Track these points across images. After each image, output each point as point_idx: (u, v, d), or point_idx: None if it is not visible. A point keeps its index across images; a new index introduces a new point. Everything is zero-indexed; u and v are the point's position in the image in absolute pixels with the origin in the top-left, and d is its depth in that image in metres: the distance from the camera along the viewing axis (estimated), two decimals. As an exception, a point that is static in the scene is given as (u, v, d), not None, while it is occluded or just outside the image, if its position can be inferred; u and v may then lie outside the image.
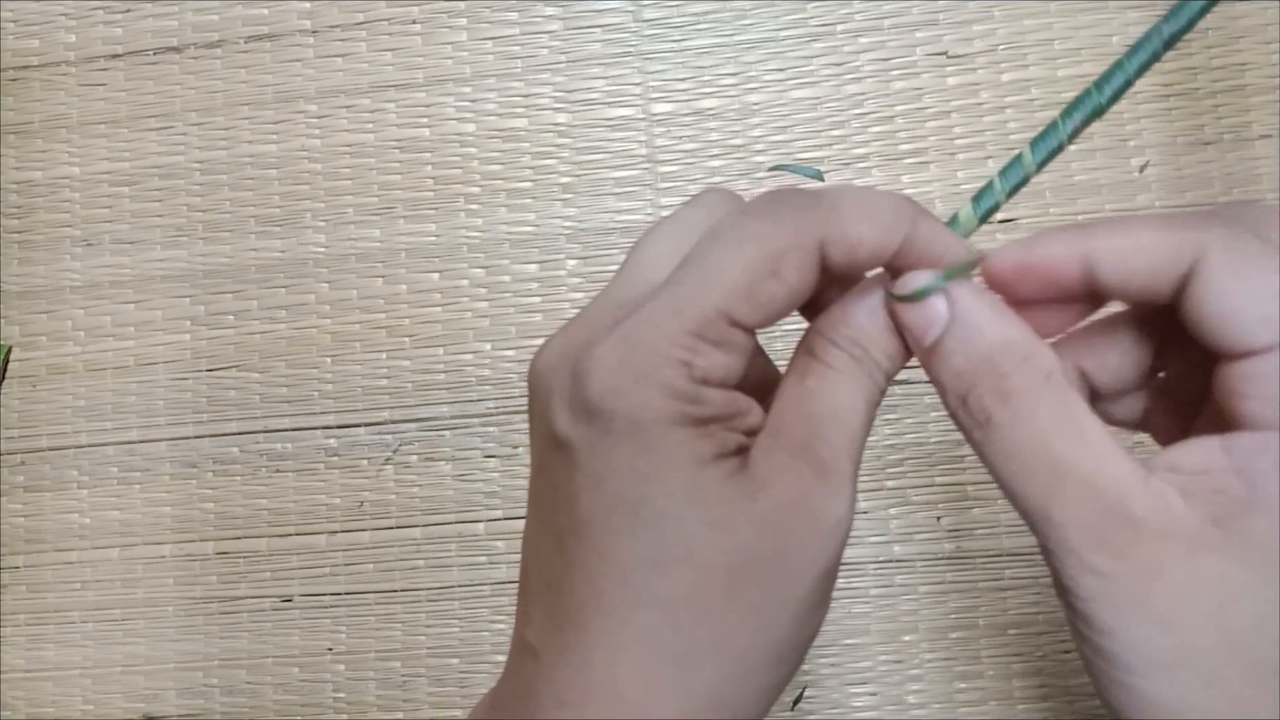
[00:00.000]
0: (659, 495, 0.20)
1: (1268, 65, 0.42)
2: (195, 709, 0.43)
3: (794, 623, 0.21)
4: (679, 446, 0.20)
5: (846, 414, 0.21)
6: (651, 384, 0.20)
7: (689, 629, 0.20)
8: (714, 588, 0.20)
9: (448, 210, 0.44)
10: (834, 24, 0.44)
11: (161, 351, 0.45)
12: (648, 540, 0.20)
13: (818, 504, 0.21)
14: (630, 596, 0.21)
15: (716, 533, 0.20)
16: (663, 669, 0.20)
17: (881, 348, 0.22)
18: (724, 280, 0.21)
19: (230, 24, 0.46)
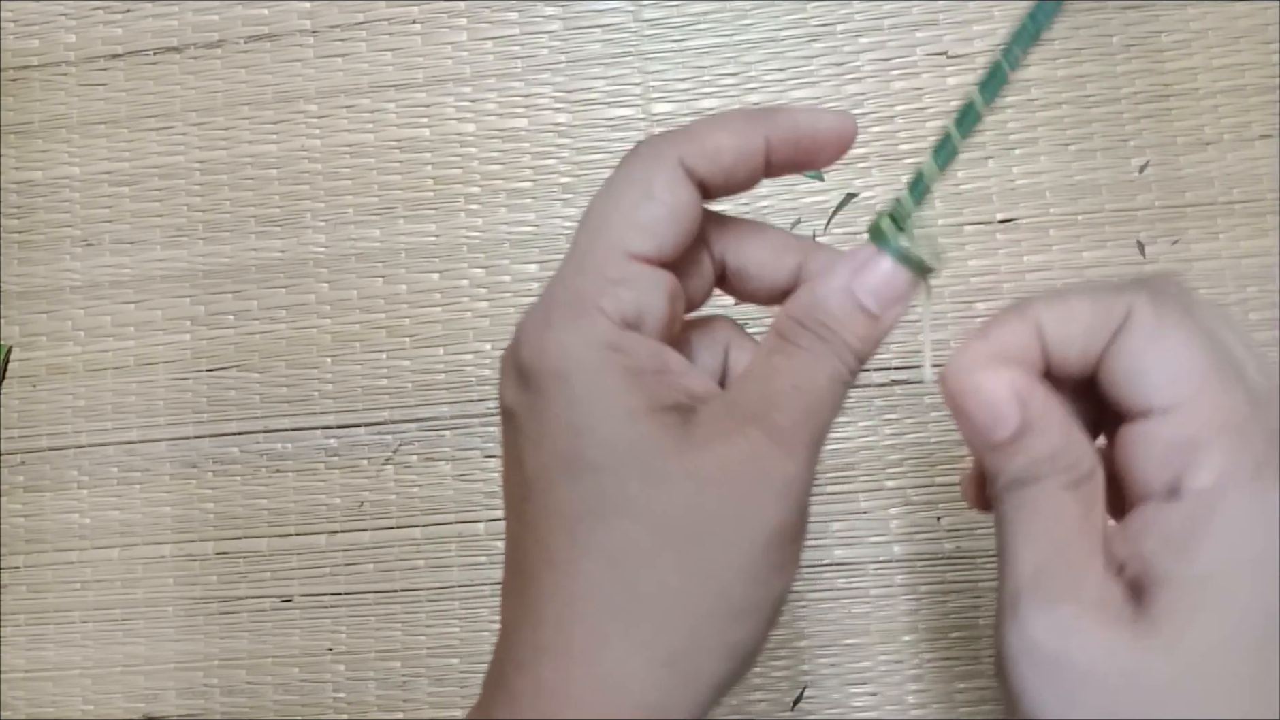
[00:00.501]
0: (591, 446, 0.21)
1: (1268, 65, 0.42)
2: (195, 709, 0.43)
3: (748, 581, 0.21)
4: (607, 396, 0.21)
5: (809, 388, 0.22)
6: (570, 335, 0.21)
7: (632, 580, 0.21)
8: (655, 540, 0.21)
9: (448, 210, 0.44)
10: (834, 24, 0.44)
11: (161, 351, 0.45)
12: (586, 491, 0.21)
13: (769, 464, 0.21)
14: (576, 548, 0.21)
15: (652, 485, 0.21)
16: (610, 621, 0.21)
17: (851, 329, 0.22)
18: (609, 219, 0.22)
19: (230, 24, 0.46)
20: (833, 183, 0.43)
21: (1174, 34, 0.43)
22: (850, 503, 0.41)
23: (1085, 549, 0.21)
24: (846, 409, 0.42)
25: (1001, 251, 0.42)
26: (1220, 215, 0.42)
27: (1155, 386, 0.20)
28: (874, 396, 0.42)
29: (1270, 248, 0.42)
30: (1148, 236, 0.42)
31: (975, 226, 0.42)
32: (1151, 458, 0.20)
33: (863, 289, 0.22)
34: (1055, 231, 0.42)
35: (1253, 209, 0.42)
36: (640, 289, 0.22)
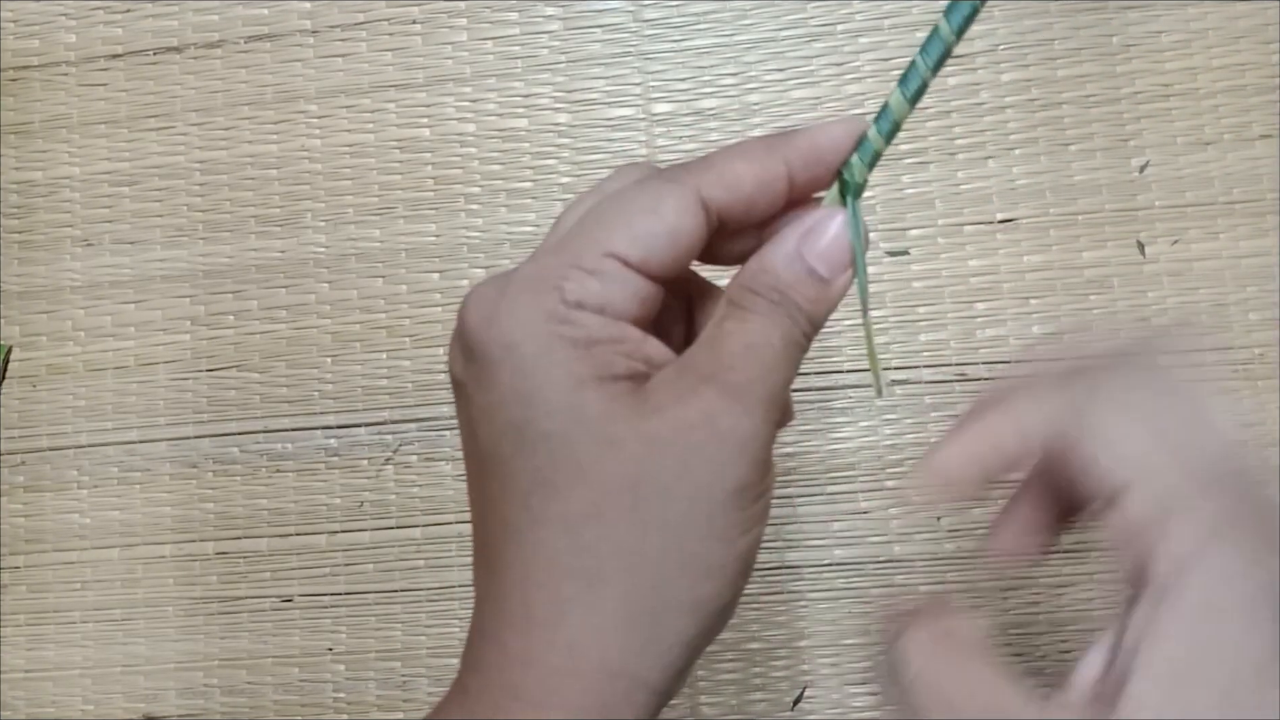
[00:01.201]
0: (540, 416, 0.21)
1: (1268, 65, 0.42)
2: (195, 709, 0.43)
3: (710, 538, 0.21)
4: (555, 367, 0.21)
5: (762, 349, 0.22)
6: (520, 306, 0.21)
7: (592, 544, 0.21)
8: (613, 503, 0.21)
9: (448, 210, 0.44)
10: (834, 24, 0.44)
11: (162, 351, 0.45)
12: (538, 461, 0.21)
13: (725, 422, 0.21)
14: (532, 518, 0.21)
15: (606, 450, 0.21)
16: (570, 585, 0.21)
17: (800, 292, 0.22)
18: (604, 217, 0.22)
19: (230, 24, 0.46)
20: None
21: (1174, 34, 0.43)
22: (850, 503, 0.41)
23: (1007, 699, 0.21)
24: (847, 409, 0.42)
25: (1001, 251, 0.42)
26: (1220, 215, 0.42)
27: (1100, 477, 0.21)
28: (875, 396, 0.42)
29: (1270, 248, 0.42)
30: (1148, 236, 0.42)
31: (975, 226, 0.42)
32: (1120, 547, 0.21)
33: (812, 253, 0.22)
34: (1055, 231, 0.42)
35: (1253, 209, 0.42)
36: (609, 284, 0.21)
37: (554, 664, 0.21)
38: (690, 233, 0.22)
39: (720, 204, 0.22)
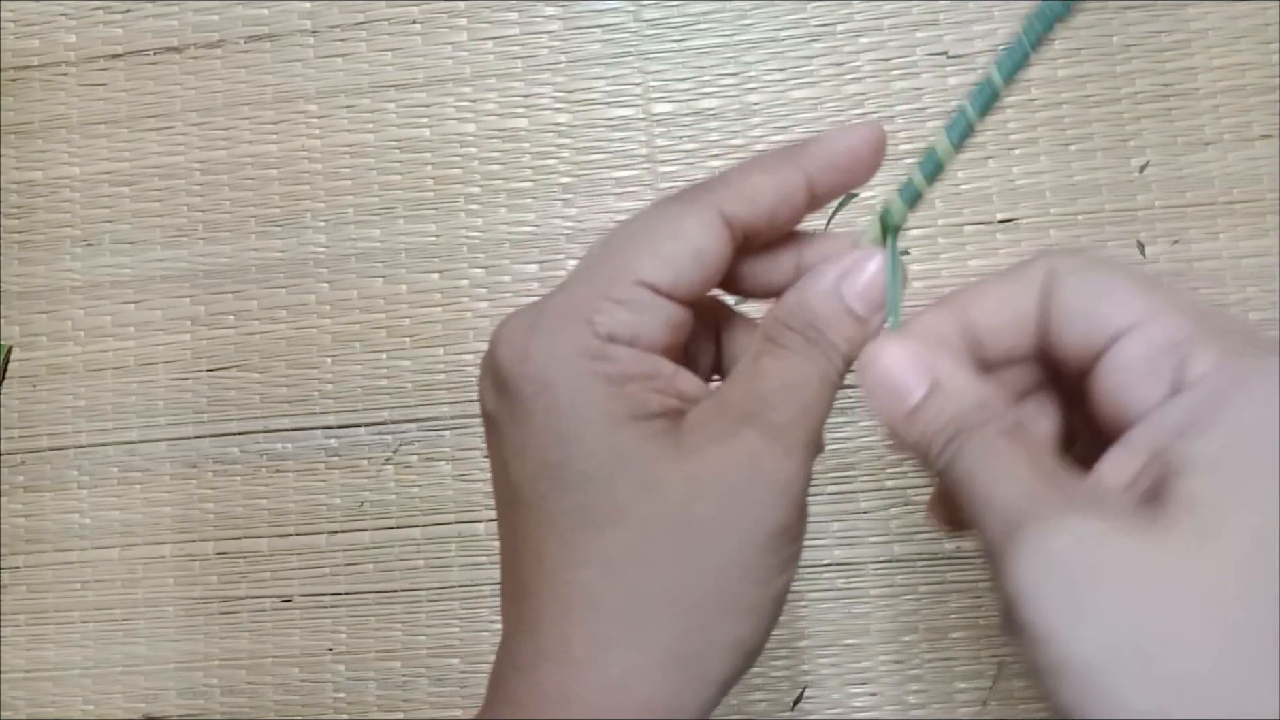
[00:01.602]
0: (579, 456, 0.21)
1: (1268, 65, 0.42)
2: (195, 709, 0.43)
3: (750, 580, 0.21)
4: (590, 406, 0.20)
5: (800, 387, 0.22)
6: (553, 343, 0.21)
7: (635, 584, 0.21)
8: (655, 544, 0.21)
9: (448, 210, 0.44)
10: (834, 24, 0.44)
11: (162, 351, 0.45)
12: (578, 501, 0.21)
13: (766, 464, 0.21)
14: (571, 557, 0.21)
15: (647, 491, 0.20)
16: (612, 625, 0.21)
17: (838, 331, 0.22)
18: (630, 242, 0.22)
19: (230, 24, 0.46)
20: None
21: (1174, 34, 0.43)
22: (850, 503, 0.41)
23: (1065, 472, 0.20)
24: (847, 409, 0.42)
25: (1001, 251, 0.42)
26: (1220, 215, 0.42)
27: (1110, 315, 0.21)
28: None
29: (1270, 248, 0.42)
30: (1148, 236, 0.42)
31: (975, 226, 0.42)
32: (1136, 375, 0.20)
33: (850, 292, 0.22)
34: (1055, 231, 0.42)
35: (1253, 209, 0.42)
36: (640, 313, 0.21)
37: (593, 702, 0.21)
38: (715, 251, 0.22)
39: (742, 219, 0.22)
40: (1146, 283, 0.21)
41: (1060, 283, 0.22)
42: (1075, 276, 0.21)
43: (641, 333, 0.21)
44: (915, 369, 0.21)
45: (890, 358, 0.22)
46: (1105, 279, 0.21)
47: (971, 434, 0.20)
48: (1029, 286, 0.22)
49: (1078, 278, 0.21)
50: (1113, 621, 0.17)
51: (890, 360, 0.22)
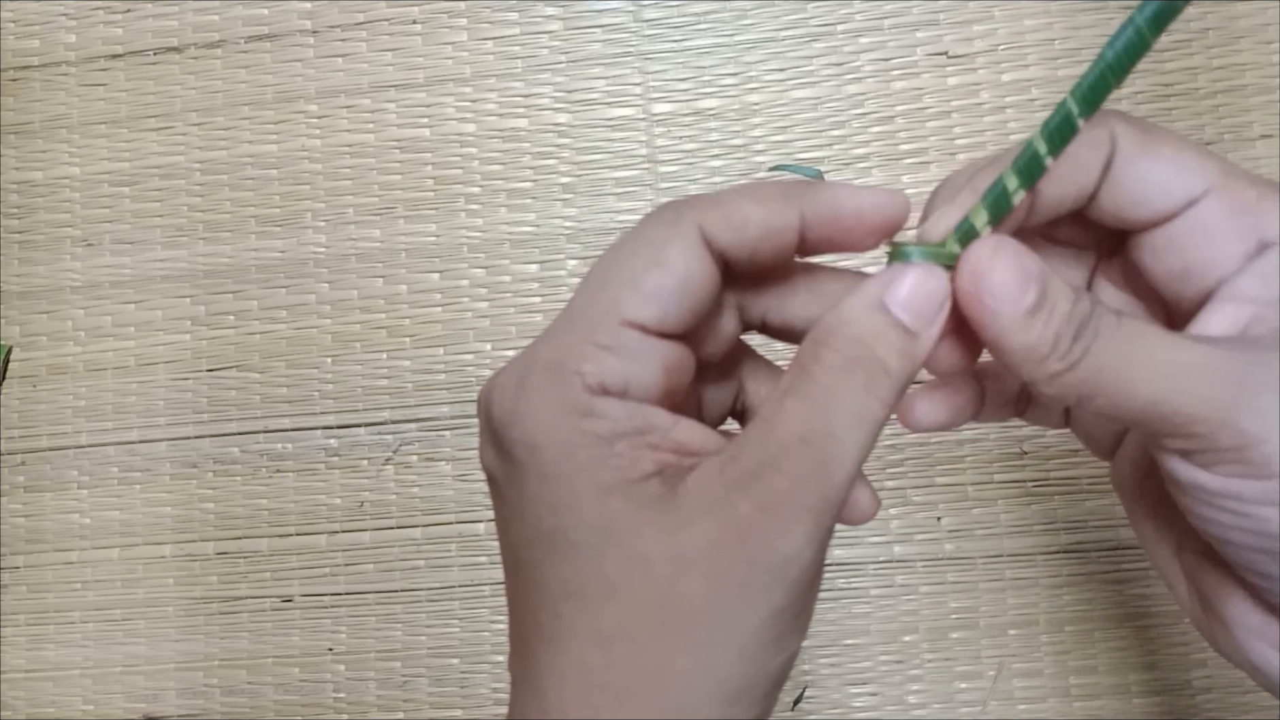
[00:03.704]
0: (570, 527, 0.20)
1: (1268, 65, 0.42)
2: (195, 709, 0.43)
3: (743, 662, 0.19)
4: (579, 474, 0.19)
5: (819, 440, 0.19)
6: (540, 403, 0.20)
7: (622, 661, 0.20)
8: (641, 623, 0.19)
9: (448, 210, 0.44)
10: (834, 24, 0.44)
11: (162, 351, 0.45)
12: (569, 573, 0.20)
13: (758, 544, 0.19)
14: (563, 628, 0.20)
15: (634, 568, 0.19)
16: (602, 699, 0.20)
17: (886, 343, 0.20)
18: (611, 279, 0.20)
19: (230, 24, 0.46)
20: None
21: (1174, 34, 0.43)
22: (850, 503, 0.41)
23: None
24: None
25: (1002, 251, 0.42)
26: (1220, 215, 0.42)
27: (1186, 181, 0.21)
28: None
29: (1270, 248, 0.42)
30: (1148, 236, 0.42)
31: (975, 226, 0.42)
32: (1218, 235, 0.21)
33: (895, 301, 0.20)
34: (1055, 231, 0.42)
35: (1253, 209, 0.42)
36: (630, 359, 0.20)
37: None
38: (700, 276, 0.20)
39: (722, 245, 0.20)
40: (1204, 151, 0.21)
41: (1129, 149, 0.21)
42: (1143, 145, 0.21)
43: (634, 378, 0.20)
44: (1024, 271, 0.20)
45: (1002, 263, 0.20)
46: (1175, 147, 0.21)
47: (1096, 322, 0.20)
48: (1096, 150, 0.21)
49: (1147, 146, 0.21)
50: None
51: (1003, 265, 0.20)
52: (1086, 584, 0.40)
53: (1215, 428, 0.19)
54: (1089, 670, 0.40)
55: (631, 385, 0.20)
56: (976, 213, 0.20)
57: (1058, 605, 0.40)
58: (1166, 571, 0.24)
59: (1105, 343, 0.20)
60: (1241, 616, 0.22)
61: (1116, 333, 0.20)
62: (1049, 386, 0.20)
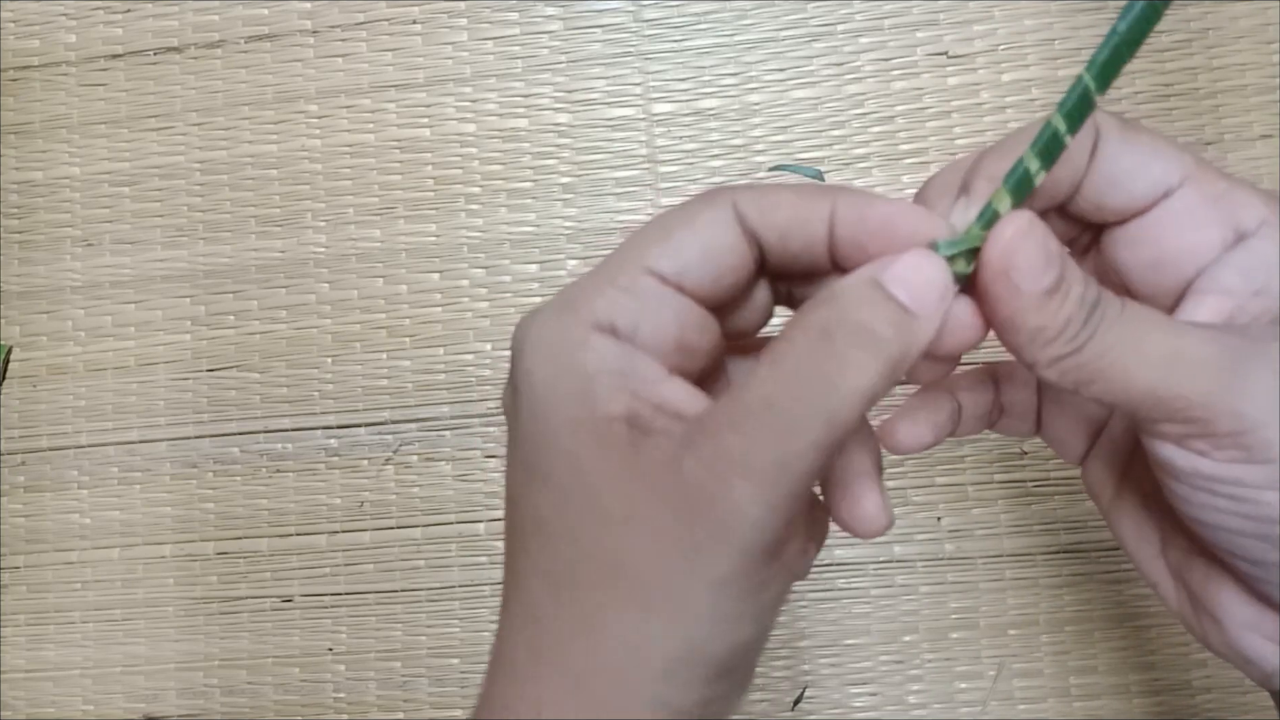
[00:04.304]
0: (544, 459, 0.20)
1: (1268, 65, 0.42)
2: (195, 709, 0.43)
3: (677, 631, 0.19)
4: (559, 405, 0.20)
5: (787, 401, 0.18)
6: (544, 332, 0.20)
7: (566, 606, 0.20)
8: (588, 571, 0.19)
9: (448, 210, 0.44)
10: (834, 24, 0.44)
11: (162, 351, 0.45)
12: (537, 505, 0.20)
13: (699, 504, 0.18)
14: (528, 564, 0.20)
15: (590, 513, 0.19)
16: (543, 642, 0.20)
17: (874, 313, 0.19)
18: (643, 234, 0.21)
19: (230, 24, 0.46)
20: (833, 183, 0.43)
21: (1174, 34, 0.43)
22: (850, 503, 0.41)
23: None
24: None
25: (1002, 251, 0.42)
26: (1220, 215, 0.42)
27: (1163, 173, 0.22)
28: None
29: (1270, 248, 0.42)
30: (1148, 236, 0.42)
31: (975, 226, 0.42)
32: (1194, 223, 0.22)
33: (889, 277, 0.19)
34: (1055, 231, 0.42)
35: (1253, 209, 0.42)
36: (642, 302, 0.20)
37: (523, 717, 0.20)
38: (725, 245, 0.20)
39: (753, 223, 0.21)
40: (1179, 143, 0.22)
41: (1110, 141, 0.22)
42: (1122, 137, 0.22)
43: (644, 322, 0.20)
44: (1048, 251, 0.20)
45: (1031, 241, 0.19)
46: (1151, 140, 0.22)
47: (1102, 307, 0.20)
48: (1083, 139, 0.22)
49: (1126, 137, 0.22)
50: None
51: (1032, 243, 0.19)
52: (1086, 584, 0.40)
53: (1214, 413, 0.19)
54: (1089, 670, 0.40)
55: (641, 329, 0.20)
56: (999, 197, 0.20)
57: (1058, 605, 0.40)
58: (1150, 572, 0.24)
59: (1109, 327, 0.20)
60: (1234, 610, 0.22)
61: (1120, 318, 0.20)
62: (1050, 370, 0.20)
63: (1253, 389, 0.19)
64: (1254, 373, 0.19)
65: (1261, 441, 0.19)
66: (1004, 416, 0.26)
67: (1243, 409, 0.19)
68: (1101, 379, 0.20)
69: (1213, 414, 0.19)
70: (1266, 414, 0.19)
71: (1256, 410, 0.19)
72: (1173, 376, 0.20)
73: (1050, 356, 0.20)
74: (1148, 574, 0.24)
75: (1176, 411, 0.20)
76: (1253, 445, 0.19)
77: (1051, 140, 0.20)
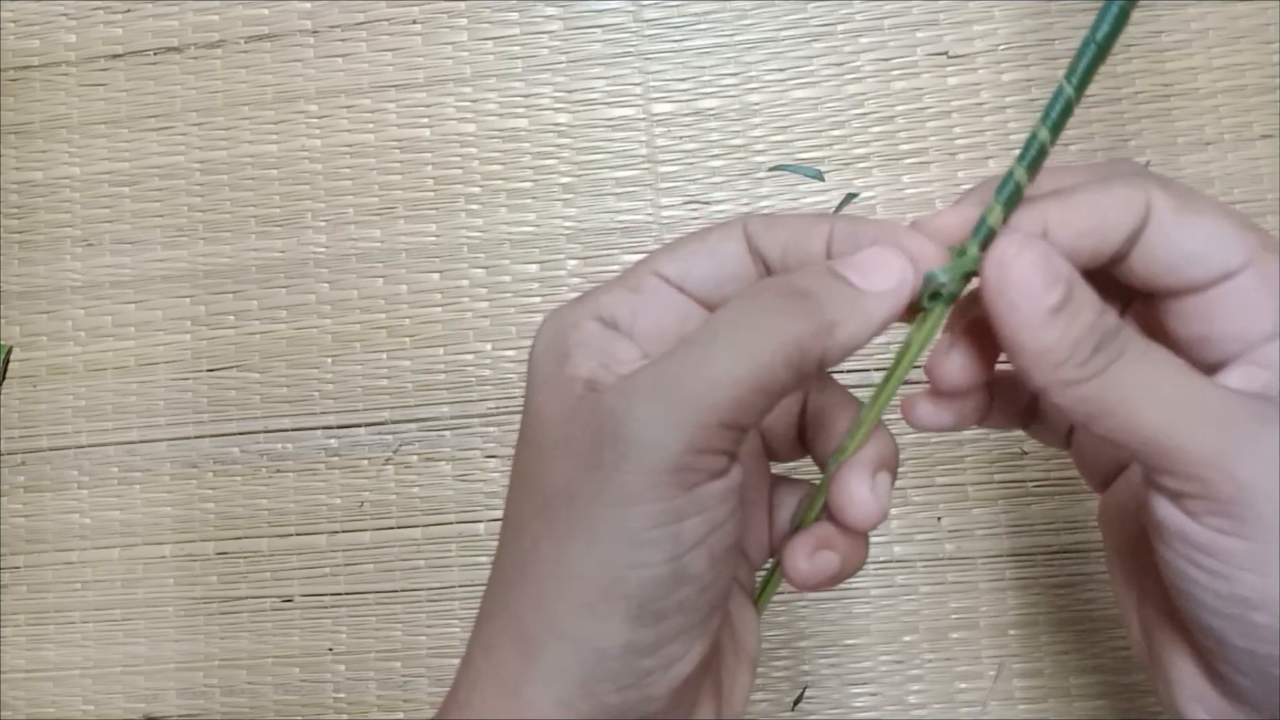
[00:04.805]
0: (524, 419, 0.22)
1: (1268, 65, 0.42)
2: (195, 709, 0.43)
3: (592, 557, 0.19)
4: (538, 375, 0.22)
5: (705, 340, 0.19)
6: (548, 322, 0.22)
7: (507, 549, 0.21)
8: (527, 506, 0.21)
9: (448, 210, 0.44)
10: (834, 24, 0.44)
11: (162, 351, 0.45)
12: (514, 464, 0.22)
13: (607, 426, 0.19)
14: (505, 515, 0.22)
15: (536, 455, 0.21)
16: (496, 585, 0.22)
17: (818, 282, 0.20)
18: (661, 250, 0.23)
19: (230, 24, 0.46)
20: (833, 183, 0.43)
21: (1174, 34, 0.43)
22: (850, 503, 0.41)
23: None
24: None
25: (1002, 251, 0.42)
26: (1220, 215, 0.42)
27: (1223, 257, 0.20)
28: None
29: (1270, 248, 0.42)
30: (1148, 236, 0.42)
31: (975, 226, 0.42)
32: (1251, 309, 0.21)
33: (843, 264, 0.21)
34: (1055, 231, 0.42)
35: (1253, 209, 0.42)
36: (646, 296, 0.22)
37: (478, 665, 0.21)
38: (731, 258, 0.22)
39: (758, 239, 0.22)
40: (1243, 221, 0.21)
41: (1165, 217, 0.21)
42: (1181, 212, 0.21)
43: (643, 312, 0.22)
44: (1052, 270, 0.20)
45: (1029, 257, 0.20)
46: (1214, 217, 0.21)
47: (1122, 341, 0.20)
48: (1127, 211, 0.21)
49: (1184, 214, 0.21)
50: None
51: (1030, 259, 0.20)
52: (1087, 584, 0.40)
53: (1214, 472, 0.19)
54: (1089, 670, 0.40)
55: (641, 320, 0.22)
56: (991, 210, 0.21)
57: (1058, 605, 0.40)
58: (1126, 613, 0.24)
59: (1127, 363, 0.20)
60: (1186, 680, 0.22)
61: (1142, 357, 0.20)
62: (1060, 396, 0.20)
63: (1260, 457, 0.19)
64: (1264, 441, 0.19)
65: (1255, 515, 0.19)
66: (1036, 423, 0.26)
67: (1244, 476, 0.19)
68: (1111, 415, 0.19)
69: (1212, 473, 0.19)
70: (1267, 488, 0.19)
71: (1257, 481, 0.19)
72: (1179, 425, 0.19)
73: (1059, 380, 0.20)
74: (1123, 613, 0.25)
75: (1177, 464, 0.19)
76: (1246, 518, 0.19)
77: (1039, 151, 0.21)
